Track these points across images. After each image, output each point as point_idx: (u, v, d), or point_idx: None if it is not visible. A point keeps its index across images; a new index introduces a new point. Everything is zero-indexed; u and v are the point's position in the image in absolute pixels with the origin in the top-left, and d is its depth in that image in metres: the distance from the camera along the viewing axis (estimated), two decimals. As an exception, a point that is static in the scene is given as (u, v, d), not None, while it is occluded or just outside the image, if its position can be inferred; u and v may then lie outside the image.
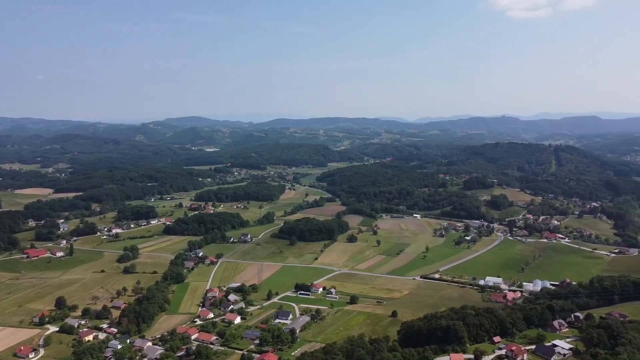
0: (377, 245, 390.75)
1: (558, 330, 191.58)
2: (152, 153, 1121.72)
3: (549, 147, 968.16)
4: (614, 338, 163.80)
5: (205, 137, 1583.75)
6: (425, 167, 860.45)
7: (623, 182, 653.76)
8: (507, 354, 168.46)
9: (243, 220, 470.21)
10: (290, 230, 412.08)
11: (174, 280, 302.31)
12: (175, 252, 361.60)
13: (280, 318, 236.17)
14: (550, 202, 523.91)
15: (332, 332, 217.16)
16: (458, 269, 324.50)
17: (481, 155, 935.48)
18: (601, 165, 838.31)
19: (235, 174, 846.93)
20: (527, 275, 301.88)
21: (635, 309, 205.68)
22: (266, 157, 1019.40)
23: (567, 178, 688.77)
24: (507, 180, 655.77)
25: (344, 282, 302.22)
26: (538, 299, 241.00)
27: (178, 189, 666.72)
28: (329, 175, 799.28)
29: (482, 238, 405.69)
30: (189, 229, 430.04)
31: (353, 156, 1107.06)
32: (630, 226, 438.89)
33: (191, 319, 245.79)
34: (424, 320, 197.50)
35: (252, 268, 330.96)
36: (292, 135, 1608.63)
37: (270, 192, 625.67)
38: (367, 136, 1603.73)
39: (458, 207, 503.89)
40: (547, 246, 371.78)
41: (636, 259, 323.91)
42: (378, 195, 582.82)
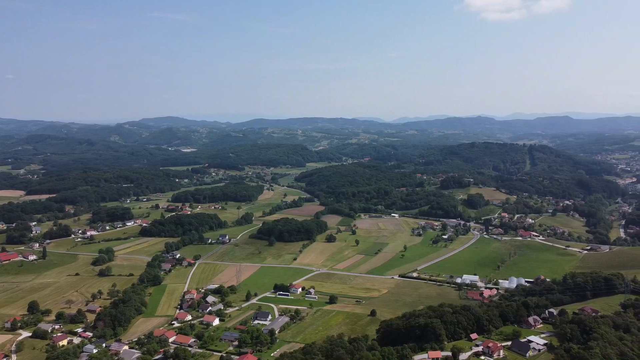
0: (355, 244, 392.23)
1: (533, 326, 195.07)
2: (127, 154, 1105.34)
3: (523, 147, 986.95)
4: (586, 333, 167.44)
5: (182, 138, 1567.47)
6: (403, 166, 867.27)
7: (594, 180, 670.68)
8: (484, 350, 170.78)
9: (221, 221, 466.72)
10: (268, 231, 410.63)
11: (150, 282, 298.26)
12: (152, 254, 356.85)
13: (259, 319, 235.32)
14: (524, 201, 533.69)
15: (311, 332, 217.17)
16: (436, 267, 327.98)
17: (457, 155, 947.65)
18: (573, 164, 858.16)
19: (212, 175, 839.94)
20: (503, 273, 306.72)
21: (607, 304, 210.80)
22: (244, 158, 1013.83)
23: (541, 177, 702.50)
24: (483, 179, 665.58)
25: (323, 282, 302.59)
26: (513, 296, 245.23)
27: (154, 190, 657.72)
28: (307, 175, 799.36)
29: (459, 237, 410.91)
30: (166, 230, 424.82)
31: (331, 156, 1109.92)
32: (601, 223, 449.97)
33: (169, 322, 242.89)
34: (402, 318, 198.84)
35: (231, 269, 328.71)
36: (271, 135, 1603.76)
37: (248, 193, 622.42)
38: (345, 136, 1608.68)
39: (435, 206, 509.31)
40: (522, 244, 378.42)
41: (607, 256, 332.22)
42: (356, 195, 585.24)
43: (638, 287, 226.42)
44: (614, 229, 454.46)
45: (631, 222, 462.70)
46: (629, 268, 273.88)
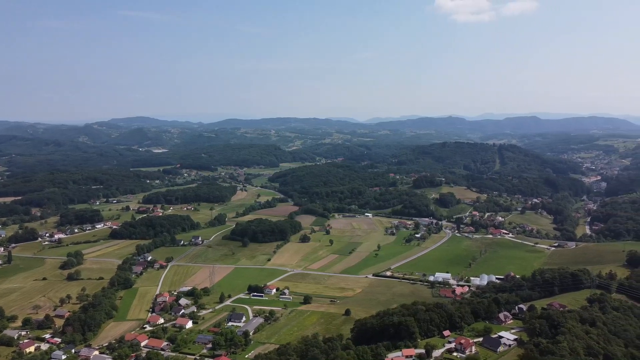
0: (330, 244, 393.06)
1: (503, 322, 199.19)
2: (96, 155, 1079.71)
3: (493, 147, 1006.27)
4: (554, 327, 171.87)
5: (153, 138, 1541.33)
6: (376, 166, 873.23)
7: (561, 179, 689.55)
8: (456, 347, 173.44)
9: (194, 223, 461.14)
10: (242, 232, 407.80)
11: (121, 285, 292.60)
12: (123, 257, 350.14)
13: (233, 321, 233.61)
14: (494, 199, 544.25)
15: (286, 333, 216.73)
16: (409, 266, 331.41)
17: (429, 154, 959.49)
18: (541, 163, 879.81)
19: (185, 176, 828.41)
20: (474, 270, 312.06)
21: (574, 299, 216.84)
22: (217, 158, 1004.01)
23: (510, 176, 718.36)
24: (454, 178, 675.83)
25: (297, 283, 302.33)
26: (485, 292, 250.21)
27: (125, 192, 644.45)
28: (281, 175, 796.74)
29: (431, 235, 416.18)
30: (137, 232, 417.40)
31: (305, 156, 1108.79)
32: (568, 221, 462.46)
33: (140, 325, 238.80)
34: (376, 317, 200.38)
35: (204, 271, 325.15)
36: (244, 135, 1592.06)
37: (221, 194, 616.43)
38: (318, 136, 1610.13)
39: (408, 205, 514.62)
40: (492, 242, 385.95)
41: (573, 252, 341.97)
42: (330, 195, 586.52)
43: (603, 282, 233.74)
44: (580, 225, 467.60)
45: (596, 219, 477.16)
46: (594, 264, 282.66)
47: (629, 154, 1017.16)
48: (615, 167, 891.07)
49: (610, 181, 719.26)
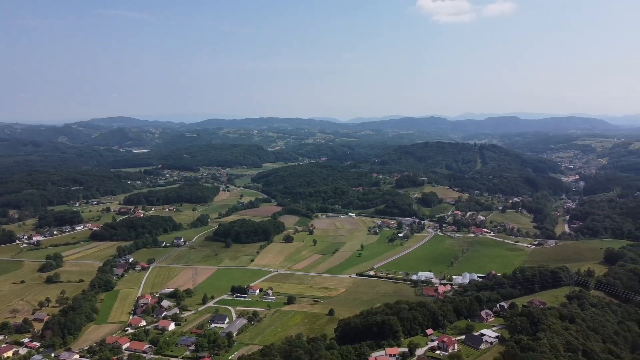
0: (313, 244, 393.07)
1: (485, 319, 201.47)
2: (76, 155, 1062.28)
3: (474, 146, 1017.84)
4: (535, 324, 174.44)
5: (134, 138, 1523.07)
6: (359, 166, 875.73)
7: (541, 178, 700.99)
8: (439, 345, 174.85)
9: (176, 224, 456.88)
10: (225, 233, 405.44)
11: (102, 288, 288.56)
12: (104, 259, 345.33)
13: (217, 322, 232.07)
14: (476, 199, 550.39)
15: (269, 334, 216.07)
16: (392, 265, 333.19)
17: (412, 154, 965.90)
18: (521, 162, 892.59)
19: (166, 176, 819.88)
20: (457, 269, 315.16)
21: (553, 296, 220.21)
22: (199, 158, 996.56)
23: (491, 175, 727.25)
24: (436, 178, 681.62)
25: (281, 283, 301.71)
26: (467, 291, 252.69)
27: (105, 193, 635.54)
28: (264, 175, 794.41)
29: (414, 234, 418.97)
30: (118, 234, 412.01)
31: (288, 156, 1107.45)
32: (547, 219, 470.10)
33: (122, 328, 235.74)
34: (360, 317, 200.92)
35: (186, 272, 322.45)
36: (226, 135, 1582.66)
37: (203, 194, 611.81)
38: (301, 136, 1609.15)
39: (391, 205, 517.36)
40: (474, 240, 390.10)
41: (553, 250, 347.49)
42: (313, 195, 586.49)
43: (582, 279, 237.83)
44: (559, 224, 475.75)
45: (575, 217, 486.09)
46: (573, 261, 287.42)
47: (606, 153, 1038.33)
48: (593, 167, 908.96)
49: (588, 180, 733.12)
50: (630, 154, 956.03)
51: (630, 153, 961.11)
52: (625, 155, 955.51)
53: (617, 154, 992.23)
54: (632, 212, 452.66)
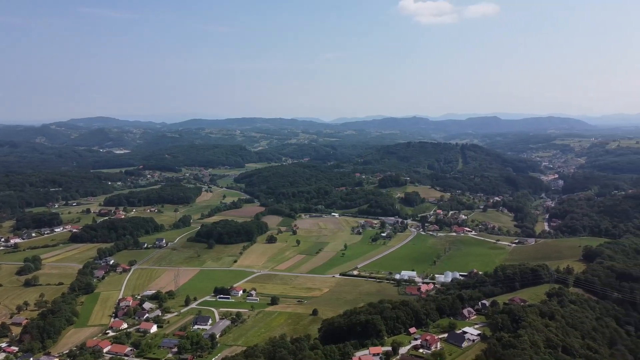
0: (296, 245, 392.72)
1: (467, 317, 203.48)
2: (55, 156, 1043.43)
3: (456, 146, 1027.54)
4: (516, 322, 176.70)
5: (115, 139, 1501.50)
6: (342, 166, 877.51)
7: (521, 177, 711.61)
8: (422, 343, 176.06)
9: (157, 225, 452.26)
10: (207, 233, 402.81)
11: (82, 291, 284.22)
12: (84, 261, 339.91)
13: (199, 324, 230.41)
14: (458, 198, 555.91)
15: (253, 335, 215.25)
16: (375, 264, 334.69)
17: (394, 154, 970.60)
18: (502, 162, 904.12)
19: (148, 177, 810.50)
20: (439, 268, 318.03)
21: (534, 294, 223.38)
22: (181, 159, 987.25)
23: (473, 175, 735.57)
24: (418, 178, 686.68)
25: (264, 284, 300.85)
26: (449, 289, 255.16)
27: (85, 194, 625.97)
28: (247, 176, 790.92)
29: (397, 234, 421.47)
30: (99, 235, 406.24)
31: (271, 156, 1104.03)
32: (527, 218, 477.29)
33: (103, 331, 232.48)
34: (343, 316, 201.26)
35: (169, 274, 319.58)
36: (208, 136, 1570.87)
37: (186, 195, 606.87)
38: (284, 136, 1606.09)
39: (374, 204, 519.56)
40: (456, 239, 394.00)
41: (533, 248, 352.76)
42: (297, 195, 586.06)
43: (561, 276, 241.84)
44: (539, 222, 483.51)
45: (554, 216, 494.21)
46: (552, 259, 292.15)
47: (584, 153, 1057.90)
48: (572, 166, 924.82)
49: (567, 179, 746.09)
50: (607, 153, 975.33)
51: (607, 152, 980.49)
52: (603, 154, 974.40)
53: (594, 153, 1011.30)
54: (609, 211, 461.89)
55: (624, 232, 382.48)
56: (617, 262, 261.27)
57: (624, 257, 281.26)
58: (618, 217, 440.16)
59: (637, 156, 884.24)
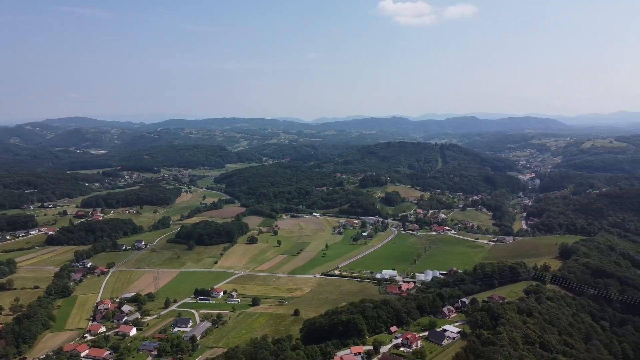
0: (277, 245, 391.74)
1: (447, 315, 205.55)
2: (29, 157, 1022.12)
3: (435, 146, 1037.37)
4: (495, 319, 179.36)
5: (92, 139, 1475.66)
6: (323, 166, 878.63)
7: (499, 176, 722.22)
8: (403, 342, 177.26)
9: (136, 226, 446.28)
10: (187, 235, 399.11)
11: (59, 294, 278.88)
12: (60, 264, 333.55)
13: (180, 326, 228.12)
14: (437, 197, 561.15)
15: (234, 336, 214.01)
16: (356, 264, 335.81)
17: (375, 154, 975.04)
18: (480, 161, 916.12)
19: (126, 178, 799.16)
20: (419, 267, 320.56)
21: (512, 291, 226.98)
22: (160, 159, 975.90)
23: (452, 174, 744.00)
24: (399, 177, 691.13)
25: (245, 285, 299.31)
26: (429, 288, 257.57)
27: (61, 196, 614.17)
28: (227, 176, 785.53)
29: (377, 233, 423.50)
30: (76, 238, 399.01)
31: (251, 157, 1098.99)
32: (505, 216, 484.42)
33: (80, 335, 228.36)
34: (325, 316, 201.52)
35: (148, 276, 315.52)
36: (187, 136, 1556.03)
37: (165, 196, 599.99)
38: (265, 136, 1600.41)
39: (355, 204, 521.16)
40: (436, 238, 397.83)
41: (511, 246, 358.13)
42: (277, 195, 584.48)
43: (538, 273, 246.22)
44: (517, 221, 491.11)
45: (531, 214, 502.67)
46: (530, 257, 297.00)
47: (560, 152, 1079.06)
48: (548, 165, 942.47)
49: (543, 178, 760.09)
50: (582, 152, 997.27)
51: (582, 152, 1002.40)
52: (578, 154, 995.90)
53: (570, 152, 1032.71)
54: (584, 209, 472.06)
55: (599, 229, 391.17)
56: (592, 259, 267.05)
57: (599, 254, 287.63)
58: (593, 215, 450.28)
59: (610, 155, 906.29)
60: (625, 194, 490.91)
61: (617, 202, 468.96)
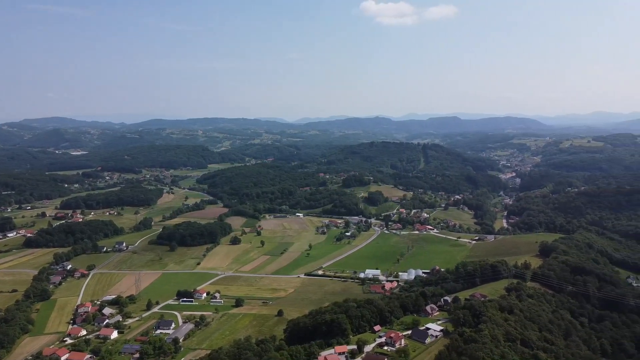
0: (261, 245, 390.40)
1: (430, 314, 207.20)
2: (6, 158, 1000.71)
3: (417, 146, 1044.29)
4: (477, 317, 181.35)
5: (71, 140, 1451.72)
6: (306, 166, 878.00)
7: (480, 176, 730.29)
8: (386, 341, 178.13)
9: (117, 228, 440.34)
10: (169, 236, 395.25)
11: (38, 297, 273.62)
12: (39, 267, 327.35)
13: (162, 328, 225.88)
14: (420, 197, 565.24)
15: (218, 338, 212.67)
16: (340, 264, 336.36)
17: (358, 154, 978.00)
18: (462, 161, 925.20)
19: (106, 179, 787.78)
20: (402, 266, 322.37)
21: (493, 289, 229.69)
22: (141, 160, 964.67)
23: (434, 174, 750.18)
24: (382, 177, 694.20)
25: (228, 286, 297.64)
26: (412, 287, 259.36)
27: (40, 197, 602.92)
28: (209, 177, 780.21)
29: (361, 233, 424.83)
30: (55, 240, 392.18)
31: (234, 157, 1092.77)
32: (487, 215, 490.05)
33: (60, 339, 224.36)
34: (309, 316, 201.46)
35: (129, 278, 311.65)
36: (169, 136, 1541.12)
37: (146, 197, 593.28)
38: (247, 137, 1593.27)
39: (338, 204, 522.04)
40: (418, 237, 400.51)
41: (493, 244, 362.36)
42: (261, 195, 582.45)
43: (519, 271, 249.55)
44: (498, 219, 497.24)
45: (512, 213, 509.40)
46: (511, 255, 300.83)
47: (539, 151, 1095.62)
48: (528, 164, 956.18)
49: (524, 177, 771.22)
50: (561, 152, 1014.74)
51: (561, 151, 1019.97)
52: (557, 153, 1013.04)
53: (549, 152, 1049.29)
54: (563, 207, 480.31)
55: (577, 227, 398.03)
56: (571, 256, 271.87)
57: (578, 251, 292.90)
58: (572, 213, 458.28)
59: (588, 155, 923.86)
60: (602, 192, 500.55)
61: (595, 201, 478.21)
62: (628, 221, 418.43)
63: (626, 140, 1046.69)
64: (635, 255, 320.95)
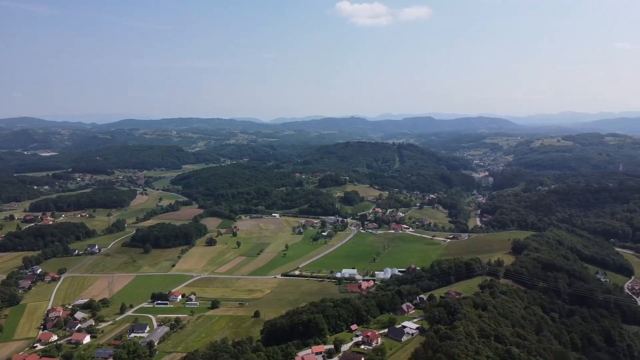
0: (237, 246, 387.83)
1: (406, 312, 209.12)
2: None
3: (393, 146, 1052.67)
4: (452, 314, 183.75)
5: (40, 140, 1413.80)
6: (282, 166, 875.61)
7: (454, 175, 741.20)
8: (363, 340, 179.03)
9: (89, 230, 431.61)
10: (143, 238, 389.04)
11: (6, 303, 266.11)
12: (8, 271, 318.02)
13: (136, 332, 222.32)
14: (395, 196, 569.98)
15: (193, 340, 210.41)
16: (317, 264, 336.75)
17: (334, 154, 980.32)
18: (436, 160, 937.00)
19: (78, 180, 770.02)
20: (379, 265, 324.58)
21: (468, 287, 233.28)
22: (113, 161, 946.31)
23: (409, 173, 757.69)
24: (357, 177, 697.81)
25: (204, 287, 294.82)
26: (388, 285, 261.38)
27: (8, 200, 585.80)
28: (184, 177, 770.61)
29: (337, 233, 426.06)
30: (24, 243, 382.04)
31: (209, 157, 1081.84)
32: (461, 214, 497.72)
33: (30, 345, 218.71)
34: (286, 317, 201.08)
35: (102, 281, 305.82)
36: (142, 136, 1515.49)
37: (119, 198, 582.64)
38: (222, 137, 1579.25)
39: (314, 204, 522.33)
40: (394, 236, 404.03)
41: (467, 243, 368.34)
42: (236, 196, 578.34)
43: (492, 269, 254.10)
44: (472, 218, 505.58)
45: (485, 211, 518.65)
46: (484, 252, 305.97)
47: (511, 151, 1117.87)
48: (500, 163, 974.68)
49: (496, 176, 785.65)
50: (532, 151, 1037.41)
51: (532, 150, 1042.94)
52: (528, 152, 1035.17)
53: (520, 151, 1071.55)
54: (534, 205, 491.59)
55: (548, 225, 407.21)
56: (542, 253, 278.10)
57: (549, 248, 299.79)
58: (543, 211, 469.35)
59: (558, 154, 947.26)
60: (572, 190, 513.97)
61: (565, 199, 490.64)
62: (596, 218, 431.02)
63: (594, 140, 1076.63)
64: (603, 252, 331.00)
